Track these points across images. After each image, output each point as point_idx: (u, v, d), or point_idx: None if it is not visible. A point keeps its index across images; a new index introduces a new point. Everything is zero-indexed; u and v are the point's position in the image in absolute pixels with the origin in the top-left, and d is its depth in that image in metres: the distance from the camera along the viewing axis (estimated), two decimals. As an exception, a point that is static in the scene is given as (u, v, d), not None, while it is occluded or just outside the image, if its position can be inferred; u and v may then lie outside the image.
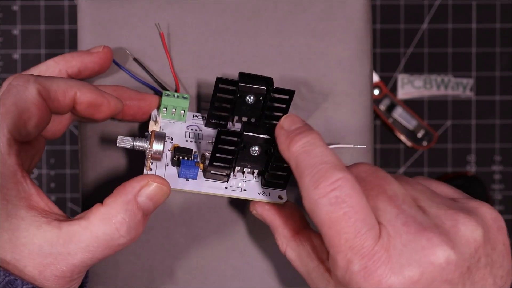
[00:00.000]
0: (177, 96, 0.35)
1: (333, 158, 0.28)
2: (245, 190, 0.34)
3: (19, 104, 0.29)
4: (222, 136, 0.31)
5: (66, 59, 0.34)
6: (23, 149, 0.31)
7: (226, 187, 0.34)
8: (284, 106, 0.34)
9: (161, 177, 0.31)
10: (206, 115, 0.36)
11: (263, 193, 0.34)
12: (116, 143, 0.32)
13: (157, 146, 0.32)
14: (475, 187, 0.61)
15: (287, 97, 0.34)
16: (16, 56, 0.61)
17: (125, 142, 0.32)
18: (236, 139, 0.31)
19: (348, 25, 0.39)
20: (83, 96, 0.32)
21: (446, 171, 0.63)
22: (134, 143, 0.32)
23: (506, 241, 0.29)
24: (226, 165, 0.32)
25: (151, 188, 0.30)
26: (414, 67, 0.63)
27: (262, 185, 0.34)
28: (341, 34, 0.39)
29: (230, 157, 0.32)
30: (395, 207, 0.28)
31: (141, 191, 0.30)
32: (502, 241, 0.29)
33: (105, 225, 0.29)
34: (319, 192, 0.27)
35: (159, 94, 0.37)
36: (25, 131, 0.30)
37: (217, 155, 0.32)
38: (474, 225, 0.28)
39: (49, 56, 0.61)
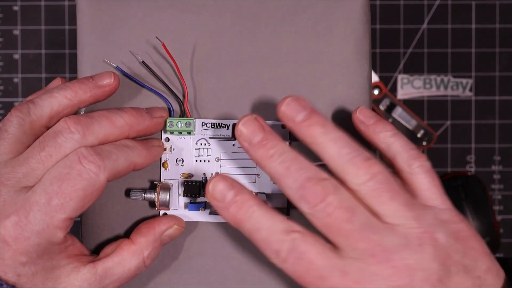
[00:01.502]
0: (180, 124, 0.37)
1: (276, 226, 0.32)
2: None
3: (87, 190, 0.32)
4: (212, 214, 0.38)
5: (79, 95, 0.35)
6: None
7: None
8: None
9: (181, 220, 0.37)
10: (213, 122, 0.38)
11: None
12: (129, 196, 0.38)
13: (163, 198, 0.37)
14: (474, 187, 0.61)
15: None
16: (17, 56, 0.61)
17: (137, 195, 0.37)
18: None
19: (347, 25, 0.39)
20: (139, 165, 0.35)
21: (446, 171, 0.63)
22: (145, 195, 0.37)
23: (476, 245, 0.32)
24: None
25: (173, 229, 0.37)
26: (413, 67, 0.63)
27: None
28: (340, 34, 0.39)
29: None
30: (364, 241, 0.30)
31: (165, 230, 0.36)
32: (471, 246, 0.31)
33: (136, 259, 0.35)
34: (280, 259, 0.32)
35: (165, 100, 0.38)
36: (82, 210, 0.33)
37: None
38: (439, 243, 0.31)
39: (49, 56, 0.61)
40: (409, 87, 0.63)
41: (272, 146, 0.32)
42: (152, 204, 0.38)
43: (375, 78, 0.62)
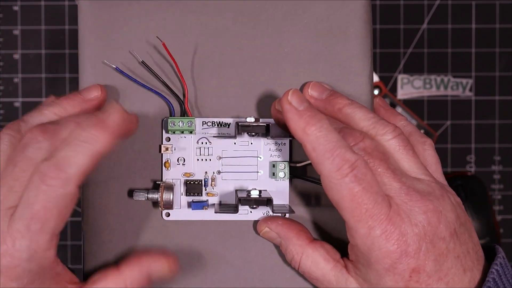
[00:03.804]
0: (182, 123, 0.37)
1: (345, 143, 0.33)
2: (251, 212, 0.38)
3: (60, 206, 0.31)
4: (218, 213, 0.37)
5: (67, 111, 0.36)
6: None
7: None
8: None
9: (175, 262, 0.36)
10: (213, 121, 0.38)
11: (268, 213, 0.38)
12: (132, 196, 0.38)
13: (167, 197, 0.37)
14: (474, 187, 0.61)
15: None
16: (17, 56, 0.61)
17: (140, 196, 0.37)
18: (233, 211, 0.37)
19: (348, 25, 0.39)
20: (106, 150, 0.33)
21: (446, 171, 0.63)
22: (148, 196, 0.37)
23: (470, 221, 0.35)
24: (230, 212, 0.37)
25: (162, 266, 0.36)
26: (413, 67, 0.63)
27: (271, 212, 0.38)
28: (341, 34, 0.39)
29: (232, 210, 0.37)
30: (397, 181, 0.33)
31: (153, 266, 0.36)
32: (467, 219, 0.35)
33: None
34: (342, 173, 0.32)
35: (166, 99, 0.38)
36: (64, 223, 0.32)
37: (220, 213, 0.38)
38: (452, 201, 0.34)
39: (49, 56, 0.61)
40: (409, 87, 0.63)
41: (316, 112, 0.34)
42: (155, 204, 0.38)
43: (375, 78, 0.62)
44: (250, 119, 0.37)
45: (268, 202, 0.36)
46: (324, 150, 0.32)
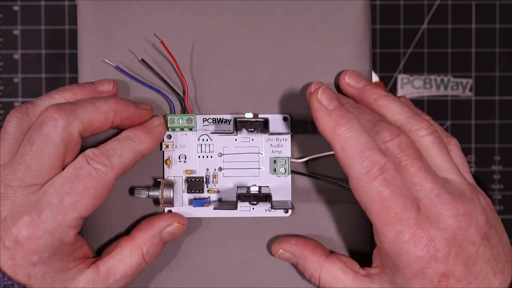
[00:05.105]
0: (182, 120, 0.37)
1: (375, 144, 0.32)
2: (253, 208, 0.38)
3: (98, 189, 0.33)
4: (218, 210, 0.37)
5: (77, 98, 0.36)
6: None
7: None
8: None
9: (183, 218, 0.37)
10: (214, 118, 0.38)
11: (269, 210, 0.38)
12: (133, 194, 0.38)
13: (167, 194, 0.37)
14: (474, 187, 0.61)
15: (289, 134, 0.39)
16: (17, 56, 0.61)
17: (141, 193, 0.37)
18: (232, 208, 0.37)
19: (347, 25, 0.39)
20: (146, 152, 0.36)
21: (446, 171, 0.63)
22: (149, 193, 0.37)
23: (500, 222, 0.34)
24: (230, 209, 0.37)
25: (174, 226, 0.37)
26: (413, 67, 0.63)
27: (270, 208, 0.38)
28: (340, 34, 0.39)
29: (232, 207, 0.37)
30: (430, 182, 0.32)
31: (164, 226, 0.36)
32: (498, 220, 0.34)
33: (136, 255, 0.35)
34: (371, 175, 0.31)
35: (166, 97, 0.38)
36: (93, 209, 0.33)
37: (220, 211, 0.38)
38: (482, 204, 0.33)
39: (49, 56, 0.61)
40: (409, 87, 0.63)
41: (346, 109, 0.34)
42: (156, 201, 0.38)
43: (375, 78, 0.62)
44: (249, 115, 0.37)
45: (267, 197, 0.36)
46: (353, 152, 0.31)
